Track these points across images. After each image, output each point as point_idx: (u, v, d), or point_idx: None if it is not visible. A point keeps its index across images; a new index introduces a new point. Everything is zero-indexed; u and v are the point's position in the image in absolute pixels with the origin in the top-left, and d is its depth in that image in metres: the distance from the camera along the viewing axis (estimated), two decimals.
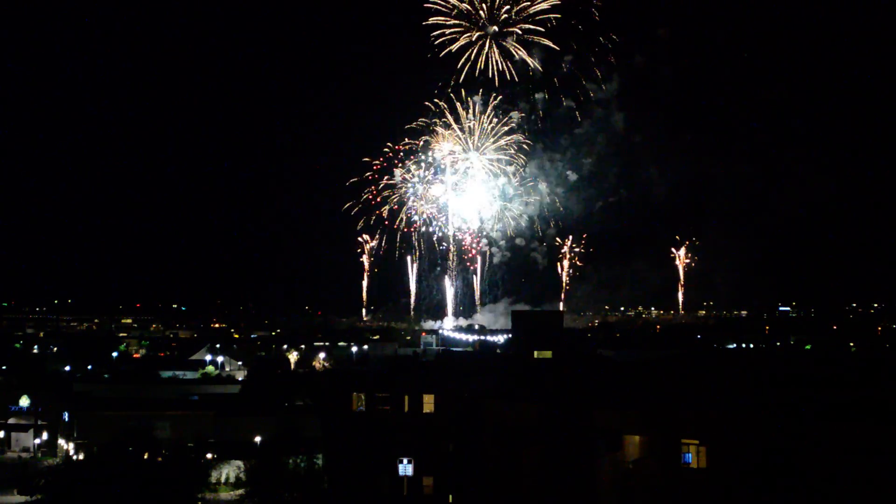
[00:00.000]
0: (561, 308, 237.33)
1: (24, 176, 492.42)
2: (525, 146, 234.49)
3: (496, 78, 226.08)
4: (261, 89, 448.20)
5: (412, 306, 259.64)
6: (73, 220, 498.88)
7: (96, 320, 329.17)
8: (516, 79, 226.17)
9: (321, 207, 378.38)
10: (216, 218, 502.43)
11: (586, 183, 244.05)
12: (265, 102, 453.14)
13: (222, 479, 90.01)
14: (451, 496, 73.40)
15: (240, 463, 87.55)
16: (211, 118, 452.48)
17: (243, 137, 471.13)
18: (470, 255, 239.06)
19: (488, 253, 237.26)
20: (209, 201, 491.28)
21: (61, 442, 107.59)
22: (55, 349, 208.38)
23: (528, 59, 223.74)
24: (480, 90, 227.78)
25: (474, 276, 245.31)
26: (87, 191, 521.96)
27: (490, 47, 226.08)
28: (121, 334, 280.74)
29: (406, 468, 73.16)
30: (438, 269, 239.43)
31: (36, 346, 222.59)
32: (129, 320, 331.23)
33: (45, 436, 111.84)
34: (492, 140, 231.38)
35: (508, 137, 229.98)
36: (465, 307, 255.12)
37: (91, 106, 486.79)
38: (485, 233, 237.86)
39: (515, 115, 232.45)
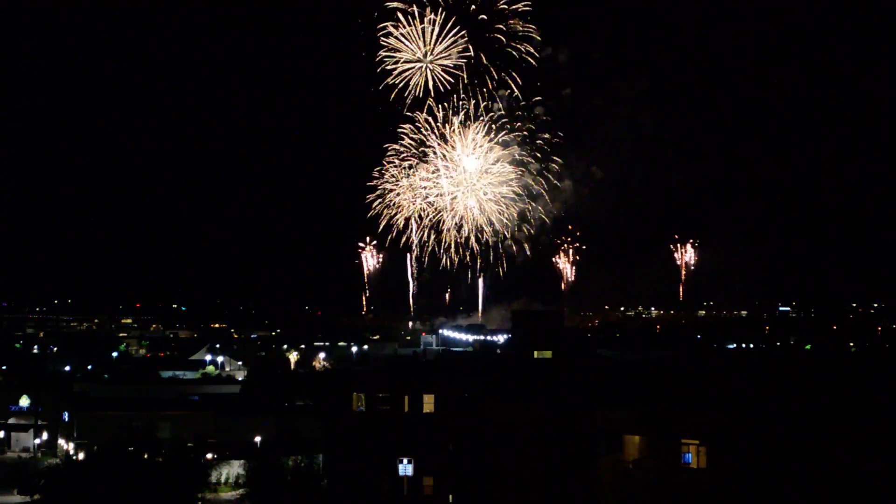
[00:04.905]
0: (563, 308, 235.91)
1: (23, 176, 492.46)
2: (545, 146, 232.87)
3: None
4: (261, 89, 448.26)
5: (412, 306, 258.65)
6: (72, 219, 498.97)
7: (96, 320, 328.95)
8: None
9: (322, 206, 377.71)
10: (216, 218, 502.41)
11: (609, 182, 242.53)
12: (265, 102, 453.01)
13: (222, 480, 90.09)
14: (451, 496, 73.43)
15: (240, 463, 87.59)
16: (211, 118, 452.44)
17: (243, 137, 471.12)
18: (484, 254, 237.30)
19: (514, 252, 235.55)
20: (209, 201, 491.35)
21: (61, 442, 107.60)
22: (55, 349, 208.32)
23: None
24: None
25: (482, 276, 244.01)
26: (88, 191, 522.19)
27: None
28: (121, 334, 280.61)
29: (406, 468, 73.21)
30: (453, 267, 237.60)
31: (36, 346, 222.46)
32: (129, 320, 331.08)
33: (45, 436, 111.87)
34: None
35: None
36: (478, 306, 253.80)
37: (91, 105, 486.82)
38: (506, 229, 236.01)
39: (541, 110, 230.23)
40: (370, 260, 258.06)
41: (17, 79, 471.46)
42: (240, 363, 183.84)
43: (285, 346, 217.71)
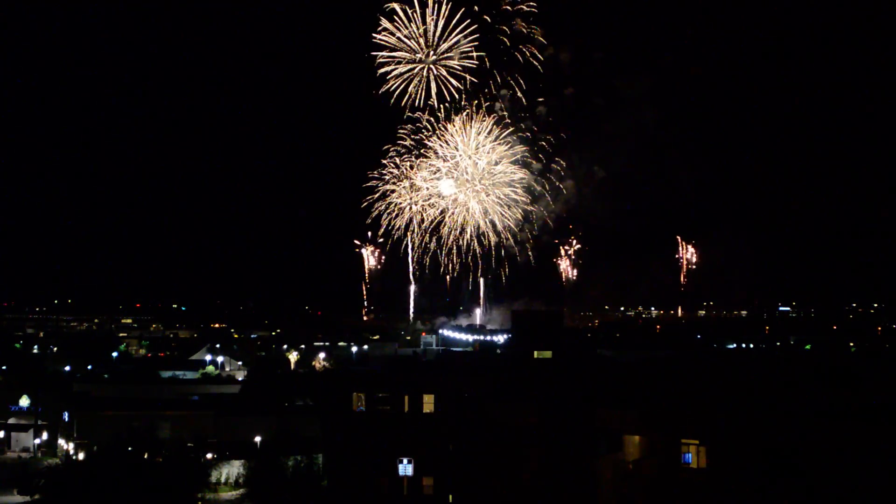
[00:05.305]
0: (563, 308, 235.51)
1: (24, 176, 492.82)
2: (546, 147, 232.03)
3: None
4: (260, 89, 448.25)
5: (412, 306, 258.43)
6: (73, 219, 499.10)
7: (96, 320, 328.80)
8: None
9: (322, 207, 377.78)
10: (216, 218, 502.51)
11: (610, 181, 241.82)
12: (264, 102, 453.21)
13: (222, 479, 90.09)
14: (451, 496, 73.41)
15: (240, 463, 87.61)
16: (211, 118, 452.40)
17: (243, 137, 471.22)
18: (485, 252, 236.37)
19: (516, 252, 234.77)
20: (209, 201, 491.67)
21: (61, 442, 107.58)
22: (55, 349, 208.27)
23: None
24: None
25: (483, 276, 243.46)
26: (87, 191, 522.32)
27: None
28: (121, 334, 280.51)
29: (406, 468, 73.21)
30: (452, 267, 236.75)
31: (36, 346, 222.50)
32: (129, 320, 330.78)
33: (45, 436, 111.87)
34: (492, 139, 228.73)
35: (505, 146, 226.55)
36: (478, 307, 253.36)
37: (91, 106, 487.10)
38: (507, 230, 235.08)
39: (543, 110, 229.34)
40: (370, 260, 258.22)
41: (17, 79, 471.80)
42: (240, 363, 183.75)
43: (285, 346, 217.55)
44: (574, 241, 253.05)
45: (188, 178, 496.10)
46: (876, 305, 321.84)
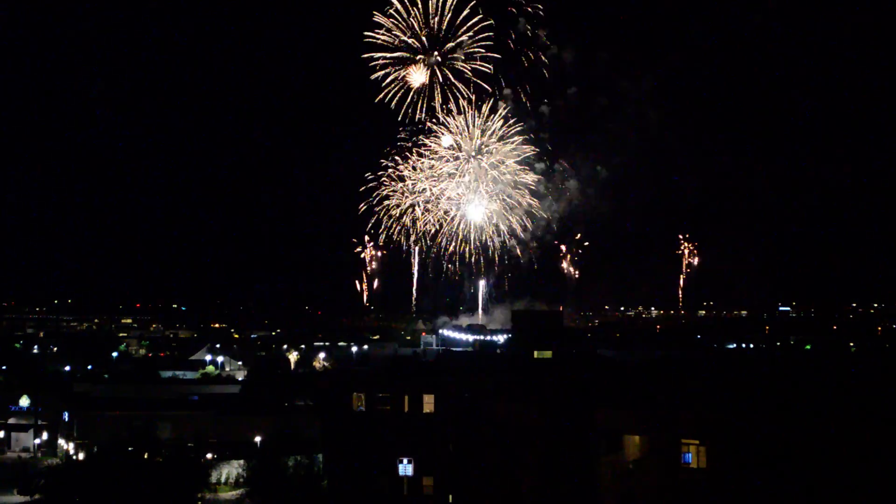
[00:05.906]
0: (563, 308, 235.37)
1: (23, 176, 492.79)
2: (548, 146, 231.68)
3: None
4: (260, 88, 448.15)
5: (413, 306, 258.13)
6: (72, 219, 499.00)
7: (96, 320, 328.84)
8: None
9: (322, 206, 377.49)
10: (216, 218, 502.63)
11: (613, 181, 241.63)
12: (264, 102, 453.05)
13: (222, 479, 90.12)
14: (451, 496, 73.46)
15: (240, 463, 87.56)
16: (210, 118, 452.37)
17: (243, 137, 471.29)
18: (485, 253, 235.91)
19: (518, 253, 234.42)
20: (209, 201, 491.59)
21: (61, 442, 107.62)
22: (55, 349, 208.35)
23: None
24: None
25: (485, 276, 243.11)
26: (87, 191, 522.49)
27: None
28: (121, 334, 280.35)
29: (406, 468, 73.28)
30: (450, 266, 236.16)
31: (36, 346, 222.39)
32: (129, 320, 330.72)
33: (45, 436, 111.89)
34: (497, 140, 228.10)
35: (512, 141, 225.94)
36: (479, 307, 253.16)
37: (91, 105, 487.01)
38: (510, 231, 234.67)
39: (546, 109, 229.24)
40: (371, 260, 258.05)
41: (16, 78, 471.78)
42: (240, 363, 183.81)
43: (285, 346, 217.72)
44: (577, 241, 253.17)
45: (188, 178, 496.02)
46: (876, 305, 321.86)
